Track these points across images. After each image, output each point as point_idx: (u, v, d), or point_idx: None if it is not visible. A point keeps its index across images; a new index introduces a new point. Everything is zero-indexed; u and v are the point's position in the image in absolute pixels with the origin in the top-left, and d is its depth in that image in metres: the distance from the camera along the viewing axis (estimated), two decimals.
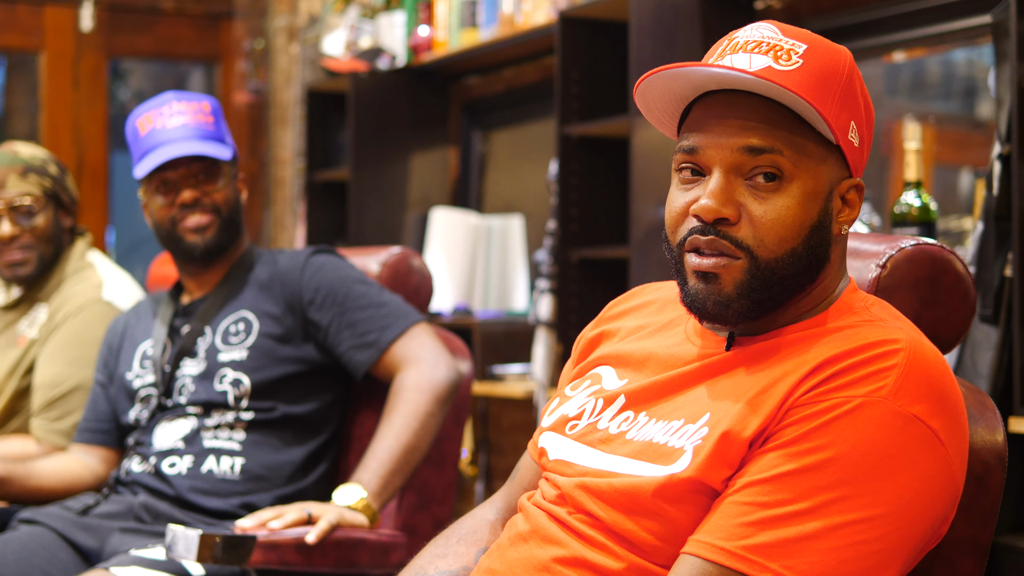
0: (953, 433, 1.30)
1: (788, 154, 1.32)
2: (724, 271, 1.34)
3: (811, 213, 1.34)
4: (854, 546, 1.24)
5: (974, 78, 3.26)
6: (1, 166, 2.85)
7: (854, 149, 1.37)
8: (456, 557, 1.60)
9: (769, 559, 1.24)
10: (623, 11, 3.58)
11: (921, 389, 1.28)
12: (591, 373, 1.52)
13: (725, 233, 1.34)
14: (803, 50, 1.34)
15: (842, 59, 1.36)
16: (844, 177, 1.37)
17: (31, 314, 2.87)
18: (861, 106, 1.37)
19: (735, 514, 1.27)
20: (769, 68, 1.32)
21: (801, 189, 1.33)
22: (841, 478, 1.25)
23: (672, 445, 1.34)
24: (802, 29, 1.38)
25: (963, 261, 1.51)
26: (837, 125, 1.34)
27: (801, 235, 1.34)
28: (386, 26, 4.96)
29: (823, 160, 1.34)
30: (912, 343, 1.31)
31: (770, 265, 1.33)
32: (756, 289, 1.34)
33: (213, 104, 2.48)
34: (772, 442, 1.28)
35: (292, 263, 2.46)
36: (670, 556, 1.32)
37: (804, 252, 1.34)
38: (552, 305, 3.86)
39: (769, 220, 1.33)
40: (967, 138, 3.36)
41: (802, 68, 1.33)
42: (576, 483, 1.40)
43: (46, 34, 6.09)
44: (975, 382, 2.54)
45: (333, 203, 5.25)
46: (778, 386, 1.31)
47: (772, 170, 1.32)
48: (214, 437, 2.36)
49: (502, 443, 4.38)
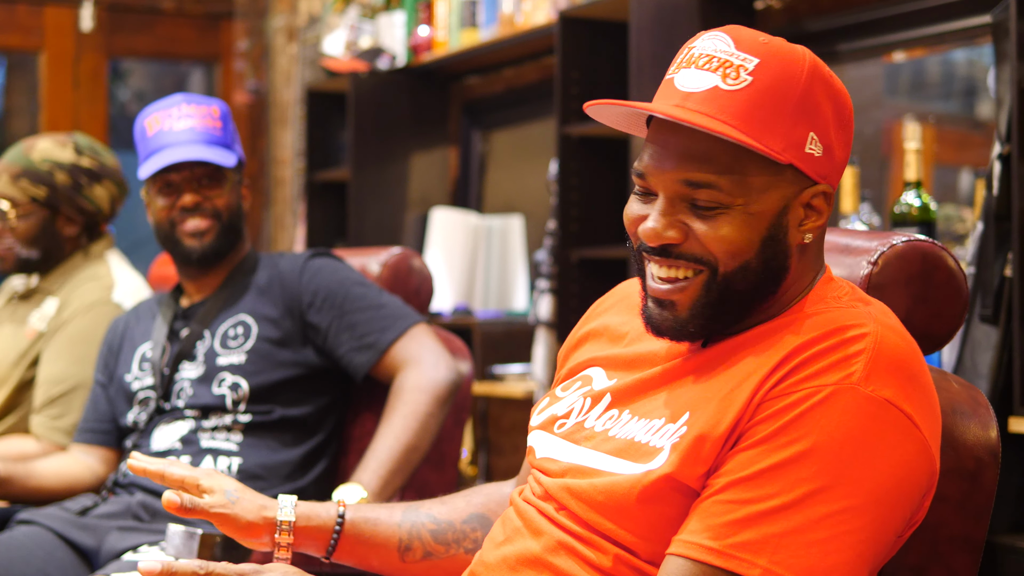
0: (926, 415, 1.30)
1: (726, 187, 1.33)
2: (681, 296, 1.37)
3: (758, 231, 1.34)
4: (839, 536, 1.25)
5: (974, 78, 3.26)
6: (4, 161, 2.88)
7: (814, 160, 1.35)
8: (452, 510, 1.68)
9: (756, 555, 1.25)
10: (623, 11, 3.58)
11: (891, 373, 1.28)
12: (582, 374, 1.54)
13: (678, 253, 1.36)
14: (754, 65, 1.33)
15: (796, 70, 1.34)
16: (806, 187, 1.36)
17: (42, 307, 2.88)
18: (827, 111, 1.36)
19: (719, 512, 1.27)
20: (715, 89, 1.33)
21: (744, 213, 1.34)
22: (820, 468, 1.25)
23: (653, 444, 1.35)
24: (760, 36, 1.36)
25: (955, 257, 1.50)
26: (789, 143, 1.33)
27: (752, 250, 1.35)
28: (386, 26, 4.96)
29: (770, 183, 1.34)
30: (879, 326, 1.31)
31: (727, 278, 1.35)
32: (712, 305, 1.36)
33: (222, 108, 2.47)
34: (749, 439, 1.29)
35: (291, 267, 2.47)
36: (652, 553, 1.34)
37: (758, 265, 1.35)
38: (552, 305, 3.87)
39: (714, 238, 1.34)
40: (967, 138, 3.37)
41: (749, 88, 1.33)
42: (560, 484, 1.42)
43: (46, 34, 6.10)
44: (975, 382, 2.54)
45: (333, 203, 5.25)
46: (749, 380, 1.32)
47: (711, 202, 1.34)
48: (211, 438, 2.36)
49: (502, 443, 4.38)
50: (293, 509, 1.65)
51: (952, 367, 2.63)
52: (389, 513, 1.70)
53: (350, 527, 1.67)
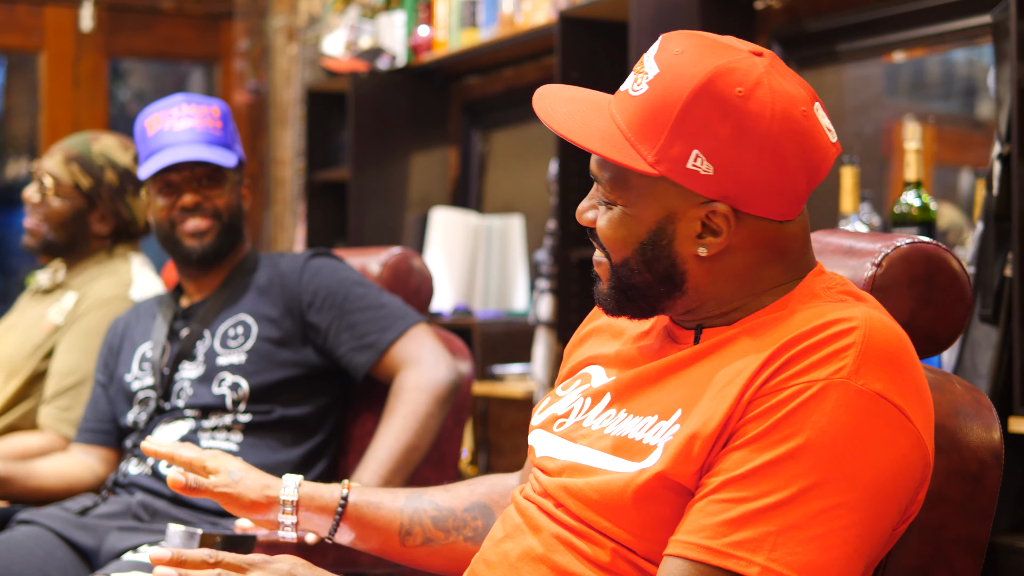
0: (918, 408, 1.31)
1: (608, 185, 1.40)
2: (599, 268, 1.45)
3: (635, 233, 1.39)
4: (835, 531, 1.25)
5: (974, 78, 3.26)
6: (67, 142, 2.97)
7: (700, 177, 1.35)
8: (454, 497, 1.72)
9: (754, 553, 1.25)
10: (623, 11, 3.58)
11: (881, 366, 1.28)
12: (581, 372, 1.55)
13: (594, 235, 1.45)
14: (653, 76, 1.37)
15: (681, 87, 1.35)
16: (699, 203, 1.36)
17: (61, 301, 2.91)
18: (719, 131, 1.34)
19: (715, 512, 1.28)
20: (624, 93, 1.40)
21: (623, 212, 1.40)
22: (814, 464, 1.26)
23: (647, 442, 1.36)
24: (683, 47, 1.38)
25: (959, 259, 1.50)
26: (665, 156, 1.35)
27: (628, 248, 1.40)
28: (386, 26, 4.96)
29: (648, 191, 1.38)
30: (868, 320, 1.31)
31: (615, 269, 1.42)
32: (617, 289, 1.43)
33: (223, 109, 2.47)
34: (741, 437, 1.29)
35: (291, 267, 2.47)
36: (649, 550, 1.35)
37: (638, 265, 1.40)
38: (552, 305, 3.87)
39: (600, 228, 1.43)
40: (967, 138, 3.36)
41: (641, 97, 1.38)
42: (557, 483, 1.43)
43: (46, 34, 6.09)
44: (975, 382, 2.54)
45: (333, 203, 5.25)
46: (738, 377, 1.32)
47: (605, 196, 1.42)
48: (211, 438, 2.36)
49: (502, 443, 4.38)
50: (296, 489, 1.70)
51: (952, 367, 2.63)
52: (392, 497, 1.73)
53: (352, 509, 1.70)
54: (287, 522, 1.71)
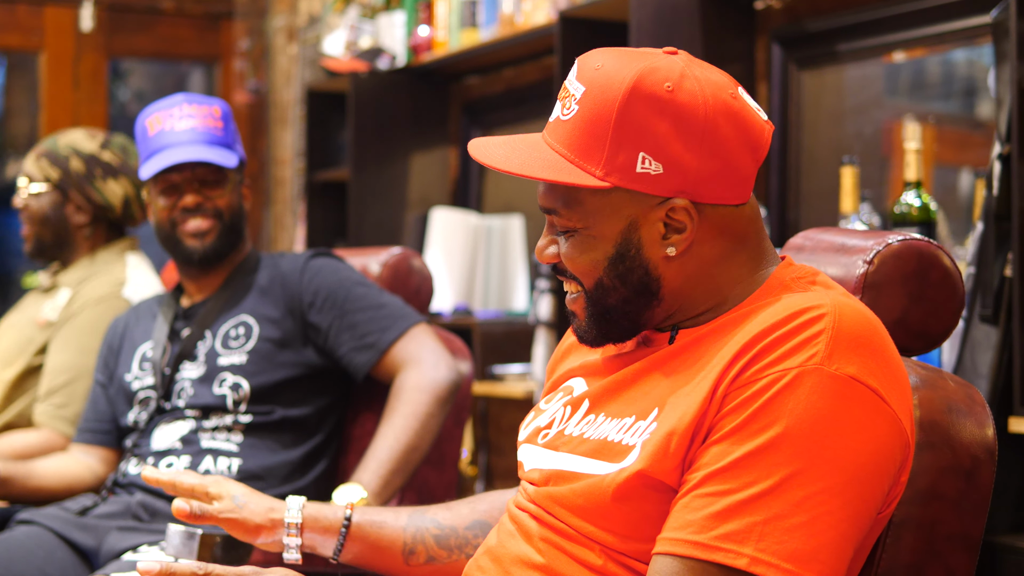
0: (893, 389, 1.31)
1: (563, 212, 1.41)
2: (575, 306, 1.45)
3: (603, 251, 1.40)
4: (820, 517, 1.26)
5: (974, 78, 3.26)
6: (41, 143, 3.05)
7: (652, 178, 1.37)
8: (456, 516, 1.74)
9: (741, 544, 1.26)
10: (623, 11, 3.58)
11: (853, 350, 1.29)
12: (564, 385, 1.56)
13: (562, 270, 1.45)
14: (580, 94, 1.39)
15: (611, 96, 1.37)
16: (657, 204, 1.38)
17: (55, 298, 2.92)
18: (659, 128, 1.36)
19: (700, 506, 1.28)
20: (557, 120, 1.41)
21: (586, 236, 1.41)
22: (794, 452, 1.26)
23: (625, 443, 1.37)
24: (600, 61, 1.40)
25: (951, 256, 1.51)
26: (614, 167, 1.37)
27: (599, 268, 1.41)
28: (386, 26, 4.96)
29: (604, 206, 1.39)
30: (837, 306, 1.32)
31: (591, 294, 1.43)
32: (596, 316, 1.44)
33: (224, 109, 2.47)
34: (720, 431, 1.30)
35: (292, 267, 2.47)
36: (637, 551, 1.36)
37: (613, 282, 1.41)
38: (552, 305, 3.87)
39: (568, 258, 1.43)
40: (967, 138, 3.36)
41: (575, 118, 1.40)
42: (544, 492, 1.44)
43: (46, 34, 6.10)
44: (975, 382, 2.54)
45: (333, 203, 5.25)
46: (711, 372, 1.33)
47: (562, 227, 1.43)
48: (212, 438, 2.36)
49: (502, 443, 4.38)
50: (300, 511, 1.71)
51: (952, 367, 2.63)
52: (395, 516, 1.74)
53: (356, 529, 1.72)
54: (292, 544, 1.73)
